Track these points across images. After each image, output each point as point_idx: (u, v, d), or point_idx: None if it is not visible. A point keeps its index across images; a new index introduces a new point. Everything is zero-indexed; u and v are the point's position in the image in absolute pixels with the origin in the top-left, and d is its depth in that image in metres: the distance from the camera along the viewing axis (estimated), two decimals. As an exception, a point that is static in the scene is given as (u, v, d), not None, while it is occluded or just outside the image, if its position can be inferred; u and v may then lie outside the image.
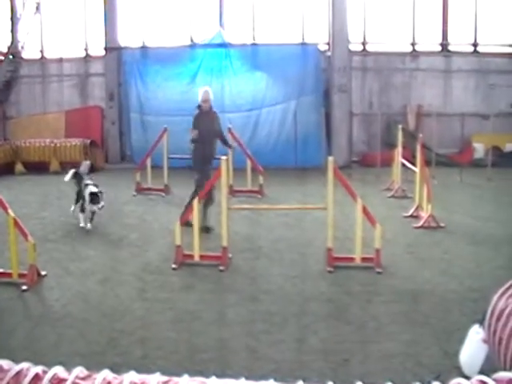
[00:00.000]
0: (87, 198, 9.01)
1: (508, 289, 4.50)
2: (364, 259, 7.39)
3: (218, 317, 5.97)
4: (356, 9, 16.14)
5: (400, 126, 12.10)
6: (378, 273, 7.22)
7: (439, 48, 16.77)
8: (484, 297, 4.58)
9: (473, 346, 4.71)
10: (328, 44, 16.09)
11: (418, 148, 10.03)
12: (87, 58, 17.68)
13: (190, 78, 16.02)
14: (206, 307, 6.19)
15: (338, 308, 6.25)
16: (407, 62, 16.65)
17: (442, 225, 9.35)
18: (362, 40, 16.62)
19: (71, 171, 9.78)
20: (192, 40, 16.95)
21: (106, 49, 16.86)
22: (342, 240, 7.74)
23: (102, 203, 8.99)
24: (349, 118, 15.82)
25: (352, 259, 7.42)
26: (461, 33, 16.72)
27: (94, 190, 9.04)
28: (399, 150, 11.74)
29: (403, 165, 11.26)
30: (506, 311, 4.34)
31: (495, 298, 4.53)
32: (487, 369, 3.52)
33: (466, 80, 16.69)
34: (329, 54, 16.00)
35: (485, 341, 4.59)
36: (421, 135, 10.53)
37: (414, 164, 10.47)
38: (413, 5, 16.36)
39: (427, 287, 6.86)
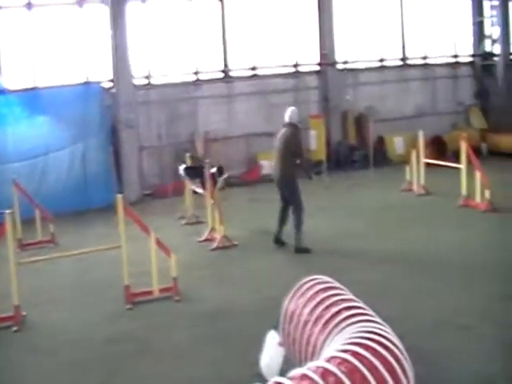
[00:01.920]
0: None
1: (296, 291, 4.90)
2: (162, 290, 7.57)
3: (15, 381, 5.70)
4: (137, 44, 16.36)
5: (188, 154, 12.51)
6: (177, 301, 7.44)
7: (221, 75, 17.65)
8: (279, 303, 4.95)
9: (270, 351, 5.05)
10: (112, 81, 16.12)
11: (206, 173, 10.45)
12: None
13: (-32, 129, 14.96)
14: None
15: (139, 344, 6.32)
16: (191, 91, 17.22)
17: (236, 243, 9.81)
18: (147, 74, 16.90)
19: None
20: (-34, 89, 15.86)
21: None
22: (139, 275, 7.79)
23: None
24: (138, 153, 15.90)
25: (151, 293, 7.55)
26: (240, 58, 17.77)
27: None
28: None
29: (194, 192, 11.62)
30: (297, 312, 4.72)
31: (286, 301, 4.93)
32: (286, 370, 3.75)
33: (248, 102, 17.73)
34: (114, 90, 16.03)
35: (281, 344, 4.96)
36: (207, 160, 10.95)
37: (205, 189, 10.83)
38: (193, 35, 16.98)
39: (226, 305, 7.23)
